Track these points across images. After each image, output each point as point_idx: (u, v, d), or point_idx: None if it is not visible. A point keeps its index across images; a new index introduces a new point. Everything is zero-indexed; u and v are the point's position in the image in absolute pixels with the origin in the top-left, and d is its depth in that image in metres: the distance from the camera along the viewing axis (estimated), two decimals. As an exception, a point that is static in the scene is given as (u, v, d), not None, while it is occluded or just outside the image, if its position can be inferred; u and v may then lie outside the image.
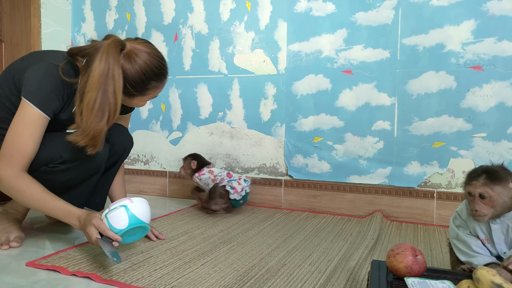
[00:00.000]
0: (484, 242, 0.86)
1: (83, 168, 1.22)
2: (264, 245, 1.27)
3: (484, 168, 0.83)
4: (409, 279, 0.71)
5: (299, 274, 1.03)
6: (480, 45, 1.52)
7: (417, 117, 1.63)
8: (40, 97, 1.08)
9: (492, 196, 0.79)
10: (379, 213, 1.65)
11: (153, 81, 1.15)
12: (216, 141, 2.02)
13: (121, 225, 1.03)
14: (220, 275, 1.00)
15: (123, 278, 0.97)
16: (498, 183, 0.79)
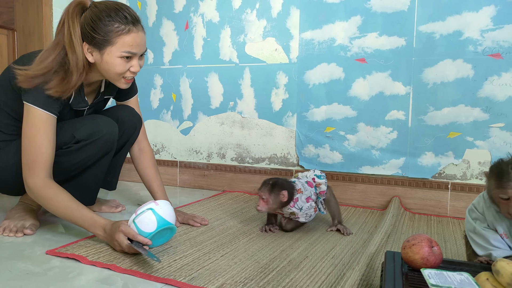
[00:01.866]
0: (503, 236, 0.84)
1: (97, 145, 1.23)
2: (284, 237, 1.25)
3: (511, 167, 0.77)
4: (426, 270, 0.69)
5: (322, 266, 1.01)
6: (500, 32, 1.47)
7: (433, 106, 1.59)
8: (40, 97, 1.09)
9: None
10: (396, 198, 1.62)
11: (113, 21, 1.08)
12: (226, 131, 2.01)
13: (149, 228, 1.03)
14: (241, 266, 0.99)
15: (143, 268, 0.96)
16: None
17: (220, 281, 0.90)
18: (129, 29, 1.10)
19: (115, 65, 1.12)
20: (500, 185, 0.78)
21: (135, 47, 1.12)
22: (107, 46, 1.09)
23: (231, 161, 2.01)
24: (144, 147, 1.45)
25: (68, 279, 0.90)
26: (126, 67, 1.14)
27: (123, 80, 1.17)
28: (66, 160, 1.21)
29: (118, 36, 1.09)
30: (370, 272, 0.97)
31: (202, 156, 2.07)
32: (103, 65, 1.13)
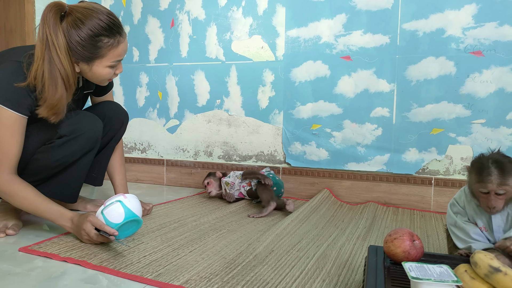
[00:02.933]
0: (483, 230, 0.85)
1: (80, 141, 1.22)
2: (254, 232, 1.26)
3: (491, 162, 0.79)
4: (407, 263, 0.71)
5: (287, 260, 1.02)
6: (481, 30, 1.50)
7: (416, 103, 1.61)
8: (11, 98, 1.06)
9: (508, 191, 0.78)
10: (372, 202, 1.65)
11: (102, 36, 1.08)
12: (213, 129, 2.00)
13: (117, 219, 1.07)
14: (207, 262, 1.00)
15: (112, 264, 0.97)
16: (510, 176, 0.77)
17: (185, 277, 0.90)
18: (118, 41, 1.11)
19: (103, 74, 1.15)
20: (481, 180, 0.80)
21: (123, 54, 1.15)
22: (96, 59, 1.11)
23: (218, 159, 2.00)
24: None
25: (51, 279, 0.89)
26: (112, 73, 1.17)
27: (107, 82, 1.21)
28: (48, 156, 1.19)
29: (109, 50, 1.10)
30: (352, 267, 0.98)
31: (189, 154, 2.07)
32: (90, 74, 1.14)
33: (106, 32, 1.08)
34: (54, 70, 1.05)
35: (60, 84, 1.06)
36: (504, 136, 1.50)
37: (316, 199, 1.62)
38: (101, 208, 1.09)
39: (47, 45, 1.04)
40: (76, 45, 1.06)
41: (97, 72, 1.13)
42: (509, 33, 1.46)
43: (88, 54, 1.09)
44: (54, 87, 1.05)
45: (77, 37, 1.06)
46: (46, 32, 1.03)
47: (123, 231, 1.10)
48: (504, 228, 0.83)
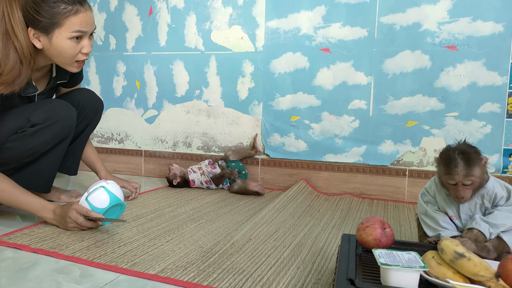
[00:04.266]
0: (452, 218, 0.88)
1: (53, 130, 1.19)
2: (232, 222, 1.27)
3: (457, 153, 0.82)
4: (377, 250, 0.72)
5: (264, 249, 1.04)
6: (455, 25, 1.53)
7: (392, 96, 1.64)
8: None
9: (475, 181, 0.81)
10: (348, 194, 1.68)
11: (58, 2, 1.05)
12: (192, 120, 1.99)
13: (102, 204, 1.10)
14: (184, 252, 1.00)
15: (86, 255, 0.96)
16: (476, 166, 0.80)
17: (161, 266, 0.91)
18: (77, 9, 1.07)
19: (65, 48, 1.09)
20: (448, 172, 0.83)
21: (85, 26, 1.10)
22: (55, 28, 1.06)
23: (197, 150, 1.99)
24: None
25: (22, 270, 0.88)
26: (77, 49, 1.11)
27: (75, 64, 1.15)
28: (20, 145, 1.16)
29: (66, 17, 1.06)
30: (326, 255, 1.00)
31: (167, 145, 2.05)
32: (52, 50, 1.10)
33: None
34: (8, 42, 1.03)
35: (13, 55, 1.04)
36: (476, 128, 1.54)
37: (292, 190, 1.64)
38: (85, 195, 1.11)
39: (3, 18, 1.03)
40: (32, 13, 1.04)
41: (59, 45, 1.08)
42: (482, 28, 1.50)
43: (44, 21, 1.05)
44: (6, 57, 1.03)
45: (32, 2, 1.04)
46: (2, 5, 1.03)
47: (108, 216, 1.14)
48: (471, 217, 0.86)
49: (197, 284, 0.81)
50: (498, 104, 1.51)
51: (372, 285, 0.69)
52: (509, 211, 0.80)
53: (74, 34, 1.08)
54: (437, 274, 0.67)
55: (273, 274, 0.88)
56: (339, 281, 0.68)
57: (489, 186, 0.82)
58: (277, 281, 0.85)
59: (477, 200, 0.84)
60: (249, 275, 0.86)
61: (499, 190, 0.82)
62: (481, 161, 0.81)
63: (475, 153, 0.82)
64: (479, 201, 0.84)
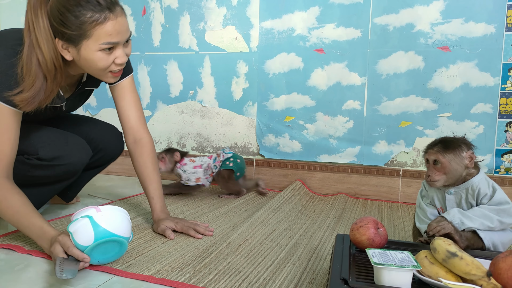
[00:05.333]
0: (440, 211, 0.90)
1: (58, 170, 1.13)
2: (229, 224, 1.27)
3: (441, 138, 0.88)
4: (370, 250, 0.73)
5: (260, 250, 1.04)
6: (448, 26, 1.54)
7: (386, 97, 1.65)
8: (2, 89, 0.93)
9: (443, 163, 0.84)
10: (342, 194, 1.69)
11: (84, 9, 0.90)
12: (187, 120, 1.98)
13: (85, 240, 0.85)
14: (180, 253, 1.00)
15: (81, 257, 0.95)
16: (450, 151, 0.83)
17: (157, 267, 0.90)
18: (106, 16, 0.92)
19: (95, 60, 0.95)
20: (425, 150, 0.89)
21: (116, 36, 0.94)
22: (82, 40, 0.93)
23: (192, 151, 1.99)
24: (142, 138, 1.22)
25: (14, 272, 0.87)
26: (110, 60, 0.97)
27: (109, 75, 1.01)
28: (20, 168, 1.09)
29: (93, 27, 0.91)
30: (321, 255, 1.01)
31: (161, 145, 2.04)
32: (82, 61, 0.97)
33: (90, 5, 0.90)
34: (31, 54, 0.92)
35: (35, 69, 0.92)
36: (468, 129, 1.56)
37: (288, 190, 1.64)
38: (68, 224, 0.88)
39: (29, 29, 0.93)
40: (58, 23, 0.91)
41: (88, 58, 0.95)
42: (474, 29, 1.51)
43: (70, 33, 0.92)
44: (28, 72, 0.93)
45: (57, 12, 0.91)
46: (28, 15, 0.93)
47: (100, 255, 0.88)
48: None
49: (193, 286, 0.81)
50: (490, 105, 1.52)
51: (365, 284, 0.69)
52: (490, 210, 0.81)
53: (104, 46, 0.94)
54: (430, 273, 0.67)
55: (270, 274, 0.88)
56: (333, 281, 0.68)
57: (475, 181, 0.84)
58: (273, 280, 0.85)
59: (462, 194, 0.86)
60: (246, 276, 0.86)
61: (484, 187, 0.83)
62: (461, 152, 0.83)
63: (461, 143, 0.84)
64: (464, 195, 0.86)
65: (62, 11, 0.91)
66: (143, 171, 1.20)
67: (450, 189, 0.87)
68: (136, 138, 1.21)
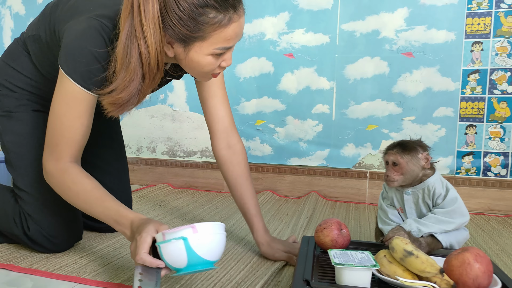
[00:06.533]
0: (399, 211, 0.93)
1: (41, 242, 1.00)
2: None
3: (400, 141, 0.92)
4: (332, 251, 0.74)
5: (233, 254, 1.04)
6: (412, 33, 1.60)
7: (353, 101, 1.69)
8: (82, 71, 0.80)
9: (401, 164, 0.87)
10: (314, 193, 1.71)
11: (208, 7, 0.74)
12: (157, 124, 1.96)
13: (177, 263, 0.72)
14: None
15: (45, 266, 0.92)
16: (408, 153, 0.87)
17: (127, 275, 0.89)
18: (230, 17, 0.77)
19: (203, 64, 0.82)
20: (385, 151, 0.92)
21: (233, 40, 0.81)
22: (196, 41, 0.78)
23: (162, 155, 1.97)
24: (236, 144, 1.06)
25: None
26: (217, 64, 0.83)
27: (209, 76, 0.88)
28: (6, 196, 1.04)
29: (214, 30, 0.77)
30: (289, 257, 1.02)
31: (131, 150, 2.00)
32: (185, 61, 0.82)
33: (216, 2, 0.75)
34: (131, 46, 0.74)
35: (135, 64, 0.75)
36: (431, 132, 1.62)
37: (259, 199, 1.65)
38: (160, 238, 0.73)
39: (131, 9, 0.74)
40: (171, 16, 0.74)
41: (195, 60, 0.81)
42: (436, 36, 1.57)
43: (185, 32, 0.76)
44: (125, 67, 0.76)
45: (174, 4, 0.73)
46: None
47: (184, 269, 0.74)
48: (416, 210, 0.91)
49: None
50: (451, 109, 1.59)
51: (326, 285, 0.70)
52: (443, 215, 0.85)
53: (218, 51, 0.80)
54: (388, 272, 0.69)
55: (242, 277, 0.88)
56: (295, 282, 0.69)
57: (430, 182, 0.88)
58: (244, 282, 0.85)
59: (419, 194, 0.89)
60: (218, 280, 0.86)
61: (438, 188, 0.87)
62: (418, 153, 0.87)
63: (416, 145, 0.88)
64: (420, 195, 0.89)
65: (181, 5, 0.73)
66: (242, 183, 1.03)
67: (407, 190, 0.90)
68: (230, 143, 1.06)
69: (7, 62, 1.02)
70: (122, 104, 0.79)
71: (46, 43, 0.94)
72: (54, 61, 0.91)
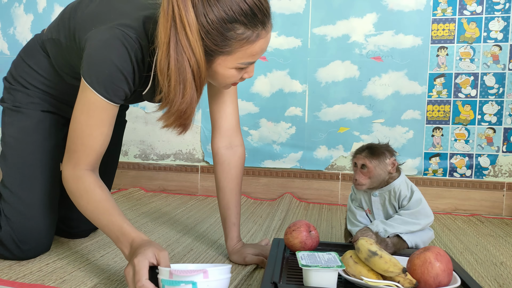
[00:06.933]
0: (367, 213, 0.95)
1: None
2: (172, 232, 1.25)
3: (368, 144, 0.94)
4: (300, 253, 0.75)
5: (205, 257, 1.03)
6: (380, 37, 1.64)
7: (326, 103, 1.72)
8: (104, 82, 0.80)
9: (369, 168, 0.89)
10: (288, 194, 1.72)
11: (237, 23, 0.74)
12: (129, 127, 1.92)
13: None
14: (120, 265, 0.96)
15: (7, 275, 0.89)
16: (376, 157, 0.89)
17: (94, 282, 0.87)
18: (258, 34, 0.77)
19: (225, 76, 0.82)
20: (353, 155, 0.94)
21: (258, 55, 0.81)
22: (220, 55, 0.78)
23: (135, 158, 1.93)
24: (238, 146, 1.05)
25: None
26: (239, 76, 0.84)
27: (229, 85, 0.89)
28: None
29: (241, 46, 0.77)
30: (260, 260, 1.02)
31: (102, 153, 1.96)
32: (208, 72, 0.82)
33: (245, 19, 0.74)
34: (182, 60, 0.74)
35: (190, 81, 0.75)
36: (400, 134, 1.66)
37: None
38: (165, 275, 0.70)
39: (173, 22, 0.73)
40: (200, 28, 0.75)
41: (218, 72, 0.81)
42: (403, 41, 1.62)
43: (211, 46, 0.76)
44: (182, 86, 0.75)
45: (203, 17, 0.73)
46: (173, 3, 0.72)
47: None
48: (383, 211, 0.93)
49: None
50: (418, 111, 1.64)
51: (294, 286, 0.71)
52: (408, 216, 0.88)
53: (241, 66, 0.80)
54: (354, 272, 0.71)
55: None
56: (264, 285, 0.69)
57: (396, 184, 0.90)
58: None
59: (386, 196, 0.92)
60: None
61: (404, 190, 0.90)
62: (385, 158, 0.89)
63: (384, 150, 0.90)
64: (387, 197, 0.92)
65: (210, 18, 0.73)
66: (232, 189, 1.02)
67: (375, 192, 0.92)
68: (233, 143, 1.03)
69: (24, 59, 1.02)
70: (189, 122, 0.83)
71: (66, 48, 0.93)
72: (74, 66, 0.93)
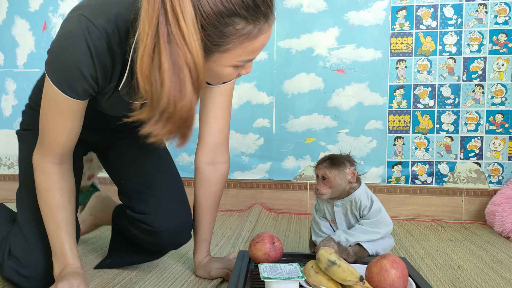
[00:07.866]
0: (331, 223, 0.98)
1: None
2: (139, 247, 1.23)
3: (329, 155, 0.96)
4: (262, 265, 0.76)
5: (171, 273, 1.02)
6: (343, 51, 1.70)
7: (292, 115, 1.75)
8: (59, 76, 0.74)
9: (329, 178, 0.91)
10: (258, 205, 1.74)
11: (236, 17, 0.64)
12: (95, 141, 1.88)
13: None
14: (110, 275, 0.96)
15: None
16: (335, 167, 0.92)
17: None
18: (260, 29, 0.68)
19: (221, 75, 0.74)
20: (316, 166, 0.96)
21: (259, 51, 0.73)
22: (217, 53, 0.68)
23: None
24: (222, 163, 1.01)
25: None
26: (236, 74, 0.76)
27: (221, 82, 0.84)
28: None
29: (240, 42, 0.67)
30: (227, 273, 1.02)
31: (67, 168, 1.91)
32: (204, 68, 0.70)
33: (246, 11, 0.65)
34: (177, 56, 0.61)
35: (188, 81, 0.63)
36: (364, 144, 1.72)
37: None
38: None
39: (162, 10, 0.60)
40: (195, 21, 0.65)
41: (214, 70, 0.72)
42: (365, 54, 1.68)
43: (207, 41, 0.66)
44: (179, 88, 0.63)
45: (197, 8, 0.62)
46: None
47: None
48: (345, 221, 0.96)
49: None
50: (381, 121, 1.70)
51: (256, 299, 0.72)
52: (368, 225, 0.91)
53: (240, 64, 0.72)
54: (314, 282, 0.72)
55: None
56: (226, 299, 0.70)
57: (357, 194, 0.93)
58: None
59: (348, 206, 0.95)
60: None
61: (364, 200, 0.93)
62: (345, 167, 0.92)
63: (344, 160, 0.93)
64: (349, 207, 0.95)
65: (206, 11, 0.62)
66: (209, 206, 1.00)
67: (337, 202, 0.95)
68: (216, 160, 0.99)
69: (39, 86, 0.96)
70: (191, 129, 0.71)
71: None
72: None
